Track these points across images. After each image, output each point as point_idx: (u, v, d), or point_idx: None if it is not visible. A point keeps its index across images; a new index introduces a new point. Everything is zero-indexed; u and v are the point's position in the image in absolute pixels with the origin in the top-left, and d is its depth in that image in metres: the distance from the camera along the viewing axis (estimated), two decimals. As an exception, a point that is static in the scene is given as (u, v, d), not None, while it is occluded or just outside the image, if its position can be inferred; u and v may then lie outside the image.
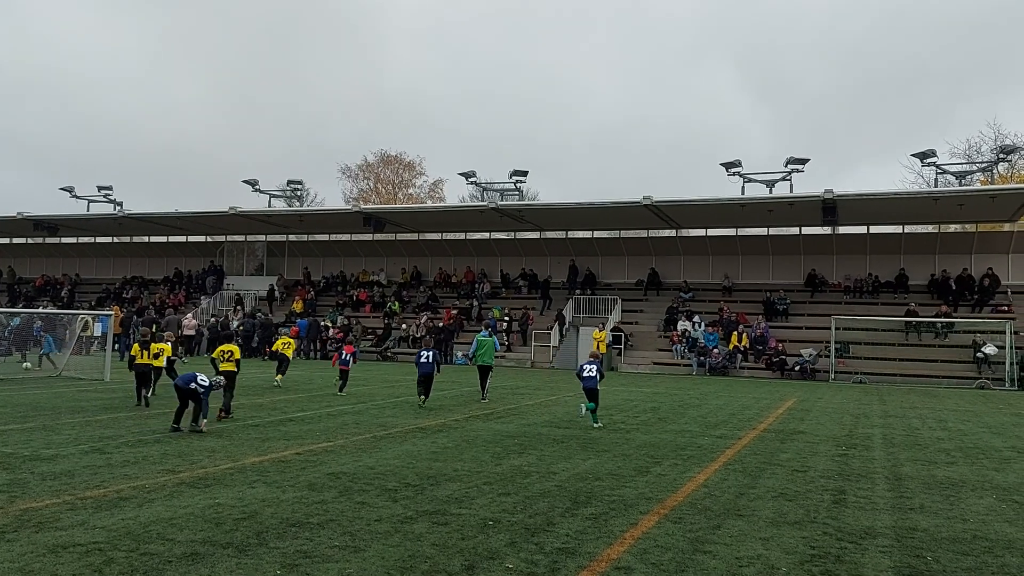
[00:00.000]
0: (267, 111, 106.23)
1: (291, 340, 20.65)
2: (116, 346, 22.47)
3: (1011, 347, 28.02)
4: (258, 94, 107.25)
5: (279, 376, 19.53)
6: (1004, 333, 28.29)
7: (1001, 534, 6.60)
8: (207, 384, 11.42)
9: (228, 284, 43.81)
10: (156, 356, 15.51)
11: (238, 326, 36.30)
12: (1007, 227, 34.42)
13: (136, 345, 15.45)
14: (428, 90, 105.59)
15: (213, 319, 38.14)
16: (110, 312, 24.92)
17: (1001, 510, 7.53)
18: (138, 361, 14.89)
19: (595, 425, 13.09)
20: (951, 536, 6.48)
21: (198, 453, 9.47)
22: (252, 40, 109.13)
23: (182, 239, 47.26)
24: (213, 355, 13.98)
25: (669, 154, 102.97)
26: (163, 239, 47.62)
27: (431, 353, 16.05)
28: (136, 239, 48.18)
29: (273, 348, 18.71)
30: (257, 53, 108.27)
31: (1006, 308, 31.78)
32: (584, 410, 13.29)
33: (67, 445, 9.86)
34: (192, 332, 35.57)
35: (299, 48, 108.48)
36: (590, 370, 13.44)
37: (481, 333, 19.30)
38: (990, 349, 28.49)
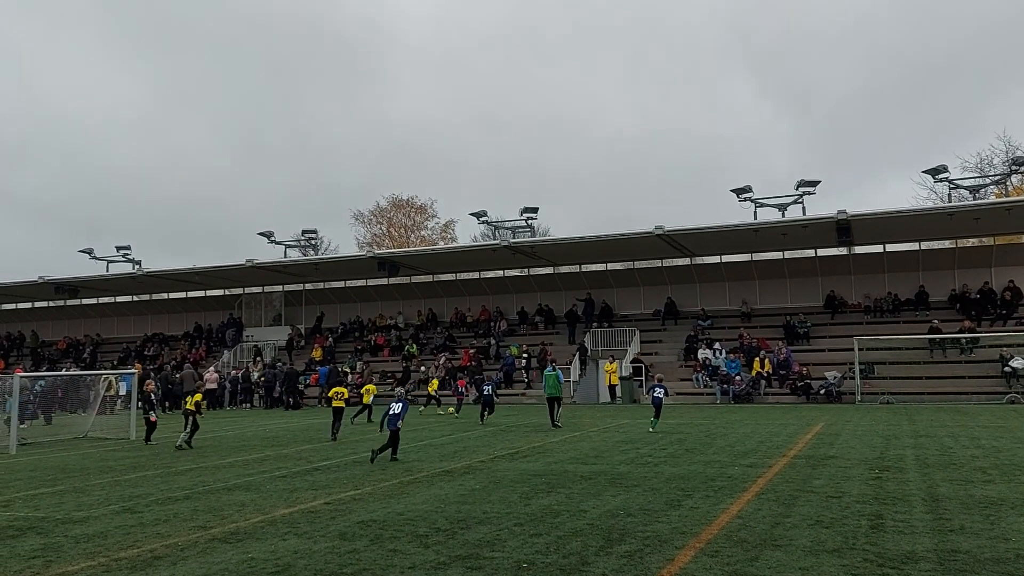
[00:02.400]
0: (274, 152, 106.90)
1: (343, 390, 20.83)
2: (140, 404, 22.53)
3: (1038, 359, 27.63)
4: (264, 135, 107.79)
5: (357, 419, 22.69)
6: (1030, 345, 27.91)
7: (1046, 553, 6.47)
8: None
9: (247, 336, 44.09)
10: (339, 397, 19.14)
11: (259, 377, 36.43)
12: (1025, 238, 34.15)
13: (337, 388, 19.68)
14: (437, 119, 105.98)
15: (234, 372, 38.31)
16: (133, 371, 25.10)
17: (1044, 528, 7.39)
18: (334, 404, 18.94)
19: (650, 429, 18.04)
20: (994, 557, 6.35)
21: (228, 508, 9.47)
22: (255, 81, 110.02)
23: (200, 294, 47.72)
24: (328, 394, 19.62)
25: (686, 171, 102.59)
26: (182, 295, 48.11)
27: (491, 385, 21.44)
28: (155, 296, 48.71)
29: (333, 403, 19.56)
30: (260, 94, 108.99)
31: (1030, 320, 31.40)
32: (652, 423, 18.33)
33: (98, 506, 9.89)
34: (214, 386, 35.75)
35: (304, 86, 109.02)
36: (658, 391, 18.96)
37: (547, 369, 22.22)
38: (1018, 363, 28.10)
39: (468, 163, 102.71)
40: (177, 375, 34.13)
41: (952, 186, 32.44)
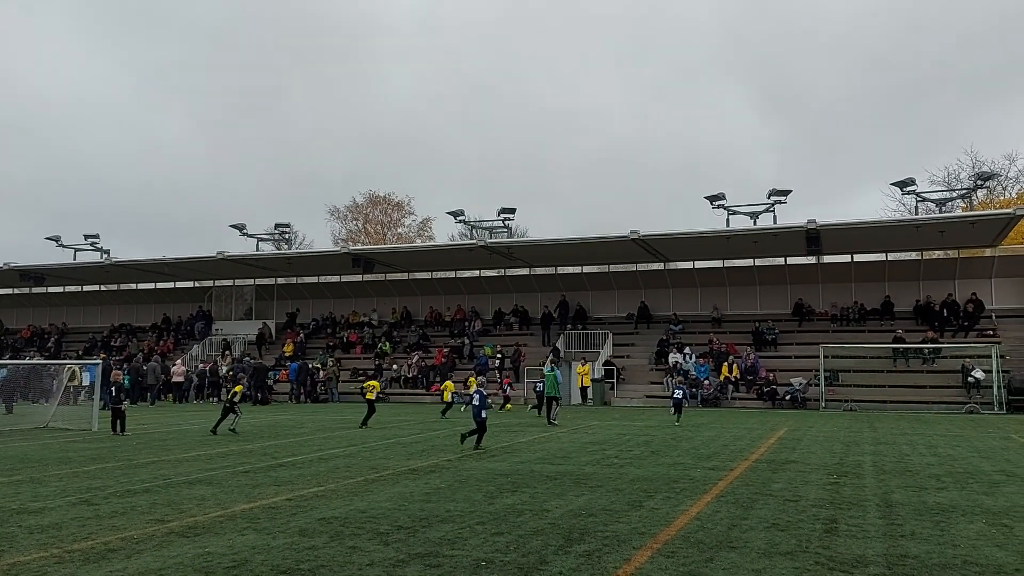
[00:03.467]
0: (250, 141, 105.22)
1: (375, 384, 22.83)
2: (101, 395, 22.27)
3: (998, 371, 28.21)
4: (241, 124, 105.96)
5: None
6: (990, 357, 28.49)
7: (991, 559, 6.63)
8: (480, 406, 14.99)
9: (217, 329, 43.67)
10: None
11: (228, 371, 36.11)
12: (988, 252, 34.85)
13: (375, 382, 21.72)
14: (422, 112, 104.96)
15: (202, 365, 37.94)
16: (97, 361, 24.78)
17: (991, 534, 7.56)
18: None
19: (676, 424, 20.71)
20: (942, 562, 6.50)
21: (187, 502, 9.40)
22: (232, 67, 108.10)
23: (170, 285, 47.19)
24: (364, 386, 21.58)
25: (672, 174, 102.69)
26: (151, 286, 47.52)
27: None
28: (124, 286, 48.07)
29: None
30: (237, 80, 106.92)
31: (991, 332, 32.06)
32: (676, 419, 21.31)
33: (54, 497, 9.77)
34: (181, 379, 35.40)
35: (283, 72, 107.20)
36: (677, 393, 22.12)
37: (546, 368, 23.26)
38: (980, 373, 28.66)
39: (451, 158, 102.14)
40: (145, 367, 33.73)
41: (919, 199, 33.03)
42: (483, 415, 14.91)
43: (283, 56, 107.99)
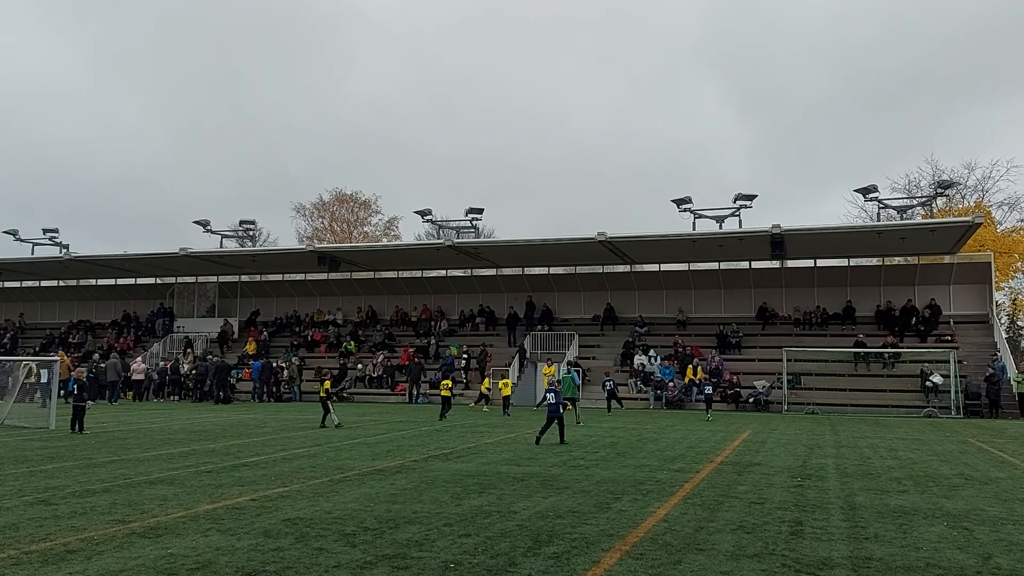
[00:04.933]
0: (215, 134, 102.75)
1: (508, 381, 26.53)
2: (61, 392, 21.84)
3: (955, 376, 28.83)
4: (205, 115, 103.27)
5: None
6: (948, 362, 29.11)
7: (953, 561, 6.75)
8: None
9: (178, 327, 42.96)
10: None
11: (190, 370, 35.54)
12: (947, 259, 35.61)
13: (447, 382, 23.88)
14: (394, 104, 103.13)
15: (163, 363, 37.30)
16: (55, 358, 24.21)
17: (952, 537, 7.70)
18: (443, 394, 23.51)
19: (707, 419, 23.75)
20: (905, 565, 6.60)
21: (149, 502, 9.21)
22: (197, 54, 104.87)
23: (130, 281, 46.31)
24: (439, 386, 24.49)
25: (646, 174, 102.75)
26: (111, 281, 46.59)
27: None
28: (83, 282, 47.06)
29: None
30: (202, 68, 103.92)
31: (949, 338, 32.76)
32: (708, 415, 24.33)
33: (11, 497, 9.50)
34: (141, 376, 34.78)
35: (250, 61, 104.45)
36: (708, 388, 25.96)
37: (563, 371, 24.53)
38: (938, 378, 29.27)
39: (422, 154, 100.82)
40: (101, 364, 33.05)
41: (881, 206, 33.63)
42: (560, 411, 16.25)
43: (249, 43, 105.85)
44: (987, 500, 9.93)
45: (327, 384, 20.99)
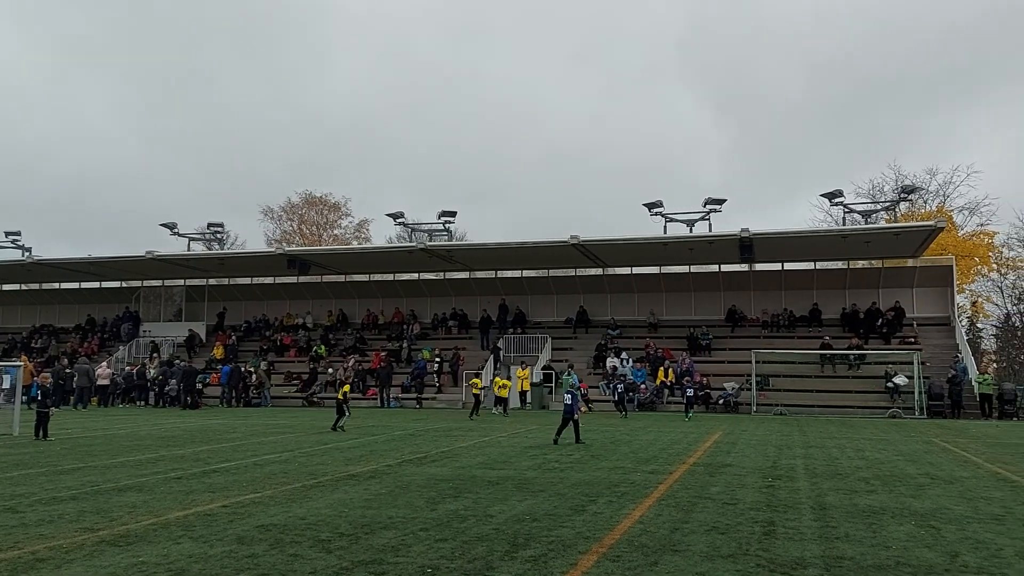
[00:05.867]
0: (182, 134, 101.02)
1: (507, 382, 28.34)
2: (25, 398, 21.39)
3: (919, 377, 29.37)
4: (173, 114, 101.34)
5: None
6: (912, 364, 29.64)
7: (922, 559, 6.88)
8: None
9: (145, 331, 42.30)
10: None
11: (156, 375, 35.00)
12: (911, 263, 36.30)
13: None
14: (366, 104, 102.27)
15: (128, 368, 36.70)
16: (18, 363, 23.71)
17: (920, 536, 7.85)
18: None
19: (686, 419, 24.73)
20: (876, 564, 6.71)
21: (118, 509, 9.06)
22: (164, 50, 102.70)
23: (95, 285, 45.53)
24: (495, 386, 26.72)
25: (623, 175, 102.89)
26: (75, 285, 45.77)
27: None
28: (46, 286, 46.17)
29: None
30: (170, 66, 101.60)
31: (912, 340, 33.37)
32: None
33: (-26, 506, 9.29)
34: (106, 382, 34.19)
35: (220, 57, 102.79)
36: (689, 391, 26.87)
37: (564, 373, 25.53)
38: (900, 379, 29.79)
39: (395, 153, 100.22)
40: (68, 370, 32.43)
41: (847, 210, 34.19)
42: (576, 414, 16.88)
43: (219, 37, 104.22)
44: (953, 499, 10.13)
45: (346, 388, 21.25)
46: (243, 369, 35.42)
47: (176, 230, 39.68)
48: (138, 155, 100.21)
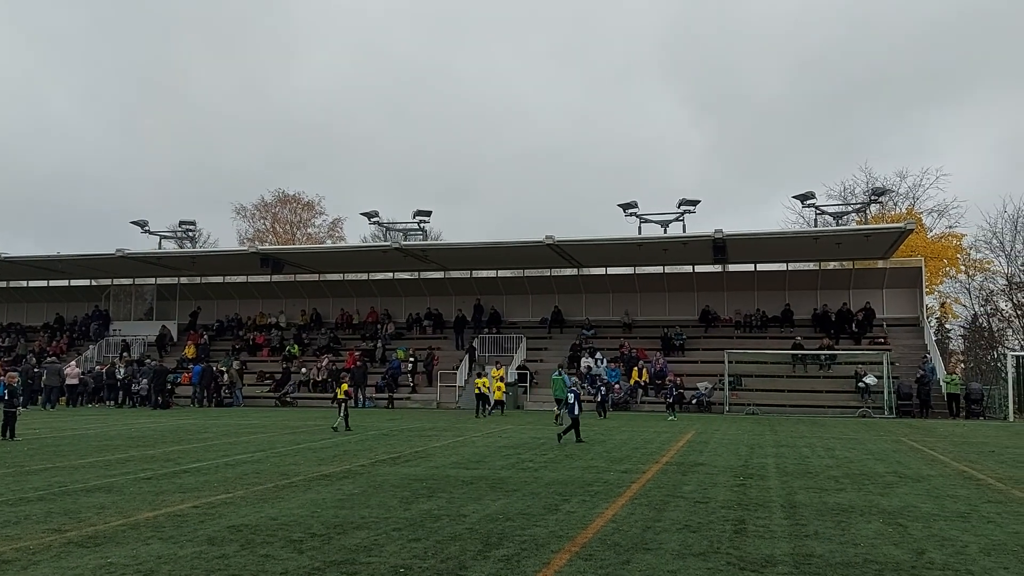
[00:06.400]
0: (153, 129, 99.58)
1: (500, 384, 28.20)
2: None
3: (888, 377, 29.80)
4: (143, 109, 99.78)
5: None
6: (881, 364, 30.07)
7: (889, 557, 6.99)
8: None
9: (115, 330, 41.72)
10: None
11: (125, 376, 34.51)
12: (881, 264, 36.82)
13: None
14: (340, 101, 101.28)
15: (98, 367, 36.19)
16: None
17: (888, 533, 7.97)
18: None
19: (670, 419, 24.93)
20: (844, 561, 6.81)
21: (86, 510, 8.94)
22: (135, 45, 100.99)
23: (64, 283, 44.80)
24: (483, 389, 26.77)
25: (600, 172, 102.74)
26: (43, 283, 45.01)
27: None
28: (13, 284, 45.39)
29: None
30: (140, 60, 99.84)
31: (882, 340, 33.85)
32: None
33: (-63, 508, 9.12)
34: (75, 381, 33.68)
35: (191, 51, 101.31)
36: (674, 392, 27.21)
37: (554, 373, 25.29)
38: (870, 379, 30.20)
39: (371, 152, 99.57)
40: (36, 369, 31.89)
41: (818, 212, 34.60)
42: (576, 413, 17.48)
43: (191, 33, 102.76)
44: (920, 497, 10.30)
45: (345, 387, 21.36)
46: (215, 369, 35.05)
47: (147, 228, 39.21)
48: (108, 151, 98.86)
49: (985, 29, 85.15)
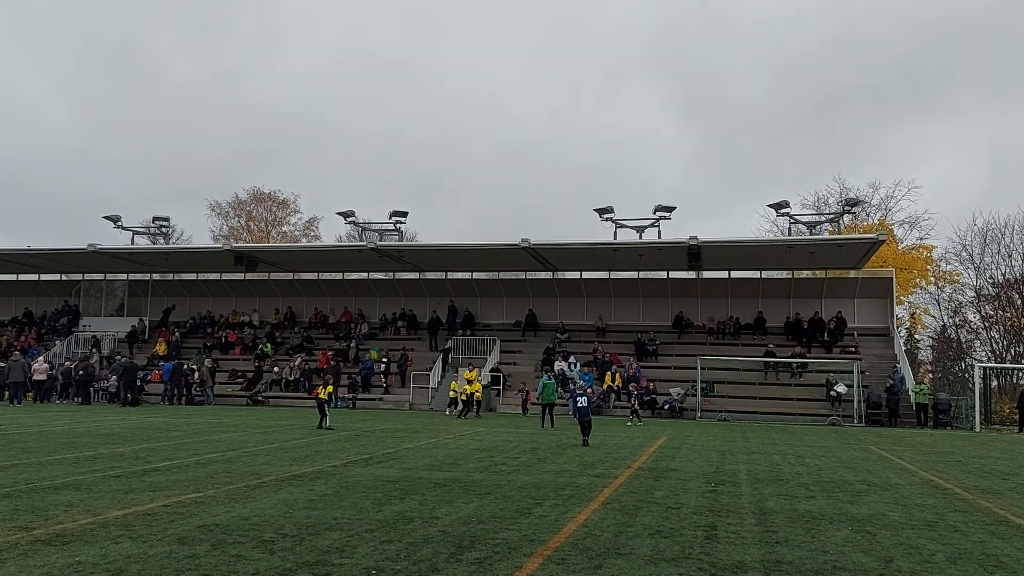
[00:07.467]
0: (126, 121, 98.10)
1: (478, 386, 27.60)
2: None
3: (858, 386, 30.19)
4: (116, 100, 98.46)
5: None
6: (852, 373, 30.46)
7: (858, 564, 7.08)
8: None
9: (85, 325, 41.11)
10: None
11: (79, 371, 33.92)
12: (853, 274, 37.31)
13: None
14: (317, 96, 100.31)
15: (68, 362, 35.62)
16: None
17: (857, 541, 8.08)
18: None
19: (637, 424, 25.26)
20: (814, 568, 6.89)
21: (54, 508, 8.80)
22: (107, 33, 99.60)
23: (33, 277, 44.08)
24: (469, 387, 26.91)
25: (581, 173, 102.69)
26: (11, 277, 44.25)
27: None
28: (-20, 277, 44.54)
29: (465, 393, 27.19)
30: (114, 50, 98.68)
31: (853, 349, 34.29)
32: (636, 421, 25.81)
33: (-102, 504, 8.93)
34: (43, 377, 33.14)
35: (165, 40, 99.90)
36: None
37: (544, 377, 24.73)
38: (842, 388, 30.58)
39: (346, 149, 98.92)
40: (2, 364, 31.30)
41: (792, 220, 34.99)
42: (590, 416, 18.07)
43: (164, 18, 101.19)
44: (888, 505, 10.45)
45: (330, 388, 21.62)
46: (185, 366, 34.65)
47: (120, 223, 38.68)
48: (80, 139, 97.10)
49: (965, 40, 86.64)
